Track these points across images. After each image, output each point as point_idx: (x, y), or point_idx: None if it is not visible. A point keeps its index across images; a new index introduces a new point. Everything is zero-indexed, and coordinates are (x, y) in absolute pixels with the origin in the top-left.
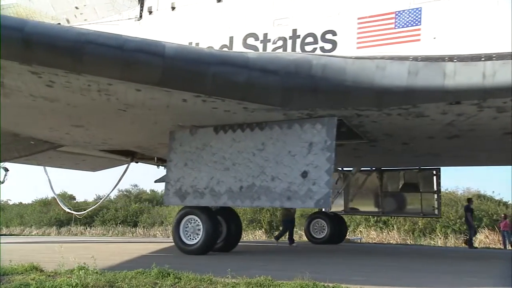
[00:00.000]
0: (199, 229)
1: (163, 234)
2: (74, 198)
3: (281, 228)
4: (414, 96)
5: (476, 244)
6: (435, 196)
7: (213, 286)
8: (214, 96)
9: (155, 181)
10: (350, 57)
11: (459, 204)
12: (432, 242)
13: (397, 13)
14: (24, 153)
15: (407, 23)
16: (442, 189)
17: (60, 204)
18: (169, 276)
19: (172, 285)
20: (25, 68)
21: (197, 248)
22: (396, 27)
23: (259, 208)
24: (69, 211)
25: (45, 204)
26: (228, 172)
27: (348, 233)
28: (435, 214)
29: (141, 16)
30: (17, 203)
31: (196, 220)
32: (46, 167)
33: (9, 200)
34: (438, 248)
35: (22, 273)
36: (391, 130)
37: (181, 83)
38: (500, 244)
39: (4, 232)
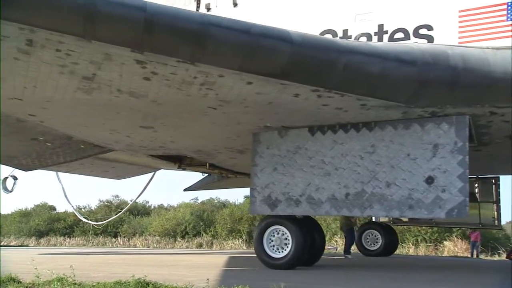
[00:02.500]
0: (286, 241)
1: (143, 244)
2: (55, 209)
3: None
4: None
5: (445, 253)
6: (495, 206)
7: None
8: (337, 90)
9: (184, 190)
10: (487, 47)
11: None
12: (404, 251)
13: (509, 4)
14: (70, 158)
15: None
16: None
17: (77, 214)
18: (148, 286)
19: None
20: (133, 56)
21: (286, 262)
22: (509, 19)
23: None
24: (86, 221)
25: (24, 215)
26: (329, 178)
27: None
28: (495, 225)
29: None
30: None
31: (283, 231)
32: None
33: None
34: (427, 257)
35: None
36: None
37: (305, 74)
38: (468, 252)
39: None
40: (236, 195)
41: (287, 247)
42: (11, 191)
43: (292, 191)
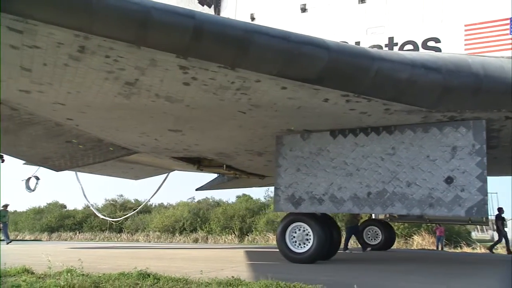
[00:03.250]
0: (308, 237)
1: (145, 239)
2: (65, 207)
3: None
4: None
5: (414, 246)
6: None
7: (188, 285)
8: (367, 95)
9: (196, 189)
10: (502, 57)
11: None
12: None
13: None
14: (99, 159)
15: None
16: None
17: (94, 211)
18: (149, 277)
19: (151, 285)
20: (177, 62)
21: (308, 257)
22: None
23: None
24: (103, 217)
25: (38, 212)
26: (351, 178)
27: None
28: (483, 221)
29: None
30: (12, 211)
31: (304, 228)
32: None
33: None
34: (402, 250)
35: (14, 275)
36: None
37: (338, 79)
38: (434, 245)
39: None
40: (229, 195)
41: (309, 242)
42: (33, 190)
43: (315, 190)
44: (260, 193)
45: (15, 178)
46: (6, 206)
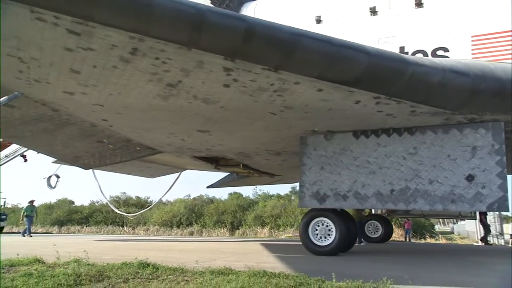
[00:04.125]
0: (330, 231)
1: (145, 233)
2: (73, 203)
3: None
4: None
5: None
6: None
7: (184, 274)
8: (397, 97)
9: (207, 187)
10: None
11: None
12: None
13: None
14: (125, 158)
15: None
16: None
17: (111, 207)
18: (149, 266)
19: (151, 274)
20: (223, 64)
21: (331, 249)
22: None
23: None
24: (120, 213)
25: (48, 207)
26: (374, 176)
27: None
28: (472, 216)
29: None
30: (4, 207)
31: (327, 223)
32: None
33: (19, 203)
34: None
35: (27, 265)
36: None
37: (374, 82)
38: (402, 237)
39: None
40: (221, 193)
41: (331, 236)
42: (54, 187)
43: (339, 187)
44: (249, 191)
45: (37, 176)
46: (32, 201)
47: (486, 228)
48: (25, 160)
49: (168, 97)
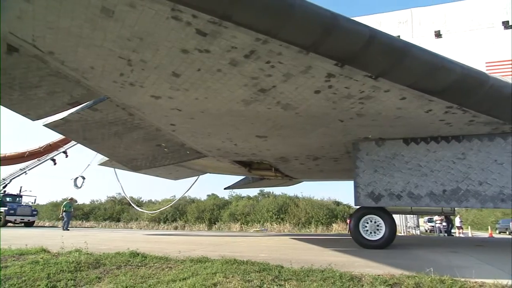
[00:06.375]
0: (379, 227)
1: (137, 227)
2: (76, 201)
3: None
4: None
5: (333, 231)
6: None
7: (168, 262)
8: (468, 107)
9: (225, 188)
10: None
11: (324, 207)
12: (308, 230)
13: None
14: (173, 161)
15: None
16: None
17: (132, 205)
18: (138, 255)
19: (140, 262)
20: (330, 69)
21: (381, 243)
22: None
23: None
24: (141, 210)
25: (55, 205)
26: (426, 177)
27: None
28: (452, 212)
29: None
30: (35, 204)
31: (375, 219)
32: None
33: (51, 200)
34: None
35: (34, 254)
36: None
37: (456, 92)
38: (346, 231)
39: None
40: (200, 194)
41: (380, 231)
42: (80, 187)
43: (393, 188)
44: (225, 193)
45: (64, 177)
46: (72, 199)
47: (449, 222)
48: (66, 156)
49: (252, 102)
